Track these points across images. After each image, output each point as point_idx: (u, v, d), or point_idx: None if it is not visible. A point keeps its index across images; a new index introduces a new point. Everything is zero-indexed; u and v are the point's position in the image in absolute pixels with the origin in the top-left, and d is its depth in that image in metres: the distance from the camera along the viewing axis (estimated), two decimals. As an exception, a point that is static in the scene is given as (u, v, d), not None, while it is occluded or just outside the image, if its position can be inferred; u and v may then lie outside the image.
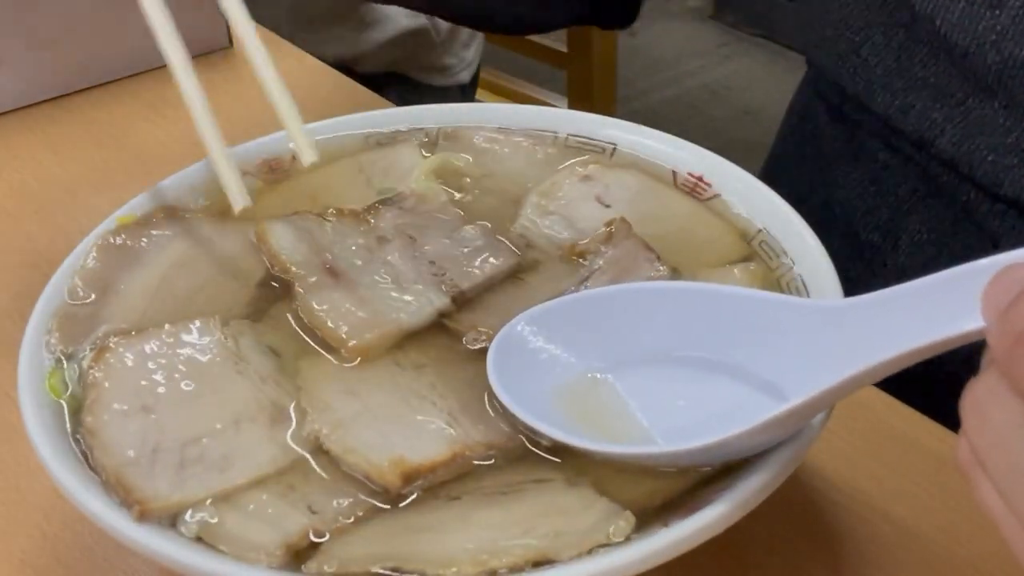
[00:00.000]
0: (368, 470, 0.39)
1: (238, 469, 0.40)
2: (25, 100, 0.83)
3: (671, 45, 2.77)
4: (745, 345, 0.41)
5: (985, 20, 0.55)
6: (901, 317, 0.34)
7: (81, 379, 0.44)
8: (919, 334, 0.32)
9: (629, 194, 0.53)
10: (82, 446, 0.41)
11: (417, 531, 0.38)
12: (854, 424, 0.51)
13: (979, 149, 0.57)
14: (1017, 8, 0.54)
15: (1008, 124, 0.56)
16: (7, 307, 0.62)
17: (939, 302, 0.32)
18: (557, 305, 0.45)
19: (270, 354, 0.45)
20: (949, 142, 0.58)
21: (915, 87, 0.60)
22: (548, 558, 0.36)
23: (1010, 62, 0.55)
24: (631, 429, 0.41)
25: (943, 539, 0.46)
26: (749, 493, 0.36)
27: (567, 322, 0.44)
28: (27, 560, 0.47)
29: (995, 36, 0.55)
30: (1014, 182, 0.56)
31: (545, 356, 0.44)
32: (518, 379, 0.42)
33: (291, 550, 0.37)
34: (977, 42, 0.55)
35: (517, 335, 0.44)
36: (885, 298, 0.35)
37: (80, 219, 0.70)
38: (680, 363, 0.43)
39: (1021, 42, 0.54)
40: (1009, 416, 0.27)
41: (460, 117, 0.59)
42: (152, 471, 0.40)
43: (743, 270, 0.48)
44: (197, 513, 0.38)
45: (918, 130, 0.60)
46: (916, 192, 0.62)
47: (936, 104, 0.59)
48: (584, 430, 0.41)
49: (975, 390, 0.29)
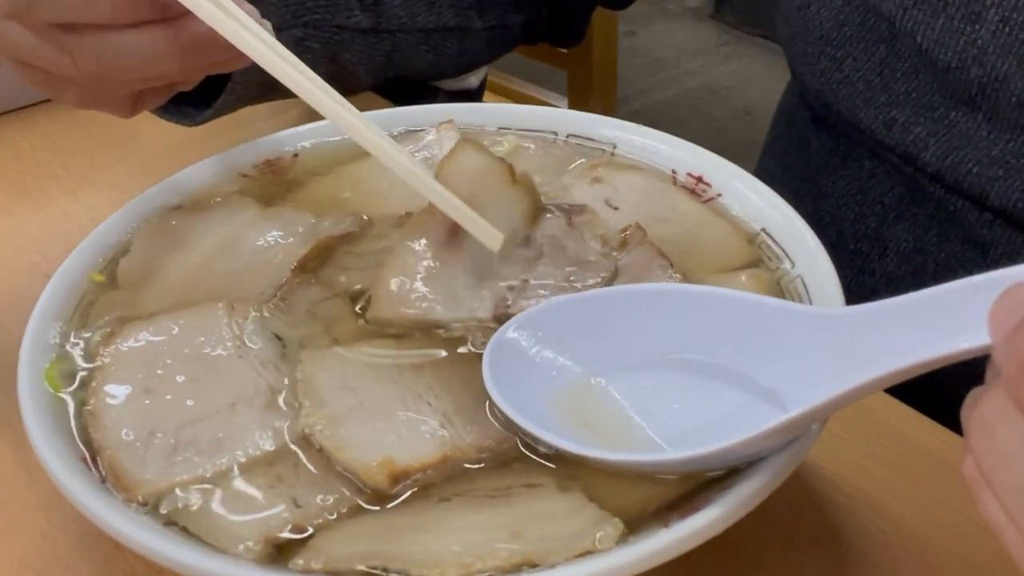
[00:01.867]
0: (357, 469, 0.40)
1: (229, 453, 0.41)
2: (25, 100, 0.83)
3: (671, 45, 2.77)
4: (742, 349, 0.41)
5: (966, 35, 0.55)
6: (901, 330, 0.34)
7: (89, 361, 0.45)
8: (919, 349, 0.32)
9: (638, 196, 0.53)
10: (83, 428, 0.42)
11: (405, 531, 0.38)
12: (854, 424, 0.51)
13: (964, 162, 0.57)
14: (997, 22, 0.54)
15: (992, 137, 0.56)
16: (7, 307, 0.62)
17: (939, 317, 0.32)
18: (552, 307, 0.45)
19: (274, 340, 0.45)
20: (934, 155, 0.59)
21: (898, 102, 0.60)
22: (533, 562, 0.36)
23: (993, 75, 0.55)
24: (628, 434, 0.41)
25: (943, 539, 0.46)
26: (749, 493, 0.36)
27: (563, 324, 0.44)
28: (27, 560, 0.47)
29: (976, 50, 0.55)
30: (1000, 193, 0.56)
31: (541, 359, 0.44)
32: (515, 382, 0.42)
33: (271, 543, 0.38)
34: (959, 57, 0.56)
35: (511, 338, 0.44)
36: (885, 309, 0.35)
37: (80, 219, 0.71)
38: (677, 366, 0.43)
39: (1003, 55, 0.54)
40: (1016, 437, 0.28)
41: (460, 117, 0.59)
42: (145, 455, 0.40)
43: (750, 276, 0.48)
44: (180, 498, 0.39)
45: (902, 144, 0.60)
46: (903, 200, 0.62)
47: (919, 118, 0.59)
48: (581, 435, 0.41)
49: (982, 409, 0.29)
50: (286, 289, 0.48)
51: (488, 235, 0.47)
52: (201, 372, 0.44)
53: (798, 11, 0.65)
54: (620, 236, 0.49)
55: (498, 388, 0.41)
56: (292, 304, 0.47)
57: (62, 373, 0.44)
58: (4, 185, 0.74)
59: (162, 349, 0.45)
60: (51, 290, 0.48)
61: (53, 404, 0.43)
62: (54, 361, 0.45)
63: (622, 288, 0.46)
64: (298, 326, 0.46)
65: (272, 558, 0.37)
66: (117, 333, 0.46)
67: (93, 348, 0.45)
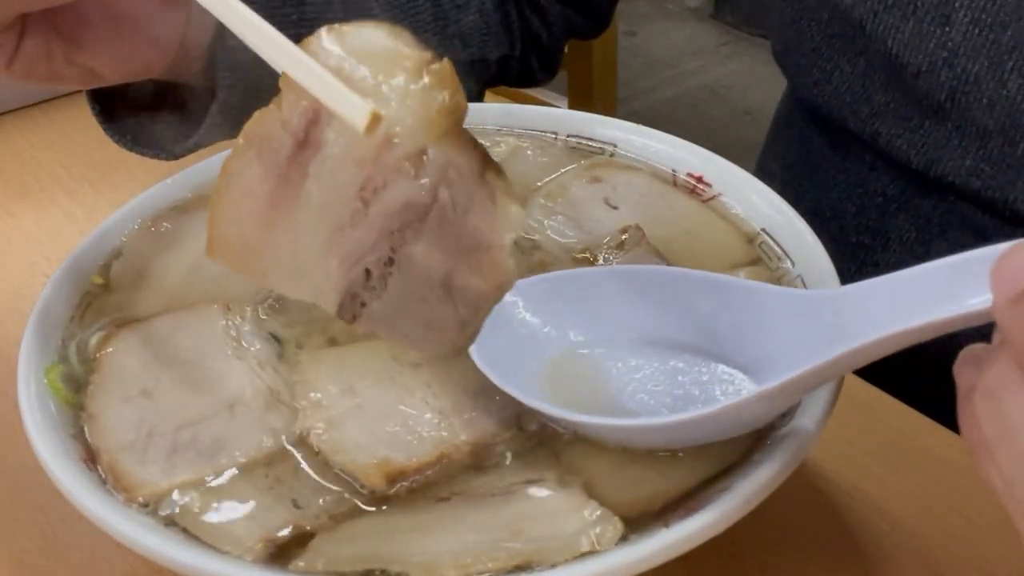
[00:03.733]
0: (354, 470, 0.40)
1: (227, 454, 0.41)
2: (25, 100, 0.83)
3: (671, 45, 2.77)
4: (730, 331, 0.41)
5: (936, 37, 0.55)
6: (886, 305, 0.34)
7: (86, 364, 0.45)
8: (902, 319, 0.32)
9: (637, 196, 0.53)
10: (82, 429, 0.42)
11: (404, 532, 0.38)
12: (854, 424, 0.51)
13: (946, 173, 0.58)
14: (967, 24, 0.54)
15: (964, 146, 0.56)
16: (7, 307, 0.62)
17: (924, 289, 0.33)
18: (539, 281, 0.45)
19: (271, 340, 0.45)
20: (918, 166, 0.59)
21: (879, 113, 0.60)
22: (533, 562, 0.36)
23: (964, 78, 0.55)
24: (607, 406, 0.41)
25: (943, 539, 0.46)
26: (749, 493, 0.36)
27: (550, 300, 0.44)
28: (27, 560, 0.47)
29: (947, 53, 0.55)
30: (985, 198, 0.56)
31: (527, 333, 0.44)
32: (501, 357, 0.42)
33: (270, 544, 0.38)
34: (929, 60, 0.55)
35: (499, 309, 0.44)
36: (873, 286, 0.36)
37: (80, 219, 0.71)
38: (664, 346, 0.43)
39: (974, 57, 0.54)
40: (1021, 409, 0.28)
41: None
42: (145, 456, 0.40)
43: (749, 274, 0.48)
44: (181, 500, 0.39)
45: (889, 153, 0.60)
46: (904, 191, 0.62)
47: (899, 130, 0.59)
48: (560, 404, 0.41)
49: (988, 377, 0.29)
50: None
51: (355, 112, 0.34)
52: (199, 373, 0.44)
53: (791, 24, 0.65)
54: (619, 237, 0.49)
55: (484, 360, 0.41)
56: (287, 304, 0.47)
57: (62, 374, 0.44)
58: (4, 185, 0.74)
59: (160, 351, 0.45)
60: (51, 290, 0.48)
61: (53, 405, 0.43)
62: (55, 362, 0.45)
63: (610, 269, 0.46)
64: (294, 326, 0.46)
65: (272, 559, 0.37)
66: (114, 335, 0.46)
67: (91, 350, 0.45)
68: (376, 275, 0.37)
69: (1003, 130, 0.55)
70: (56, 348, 0.46)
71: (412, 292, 0.37)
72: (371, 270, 0.37)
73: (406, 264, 0.37)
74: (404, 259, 0.37)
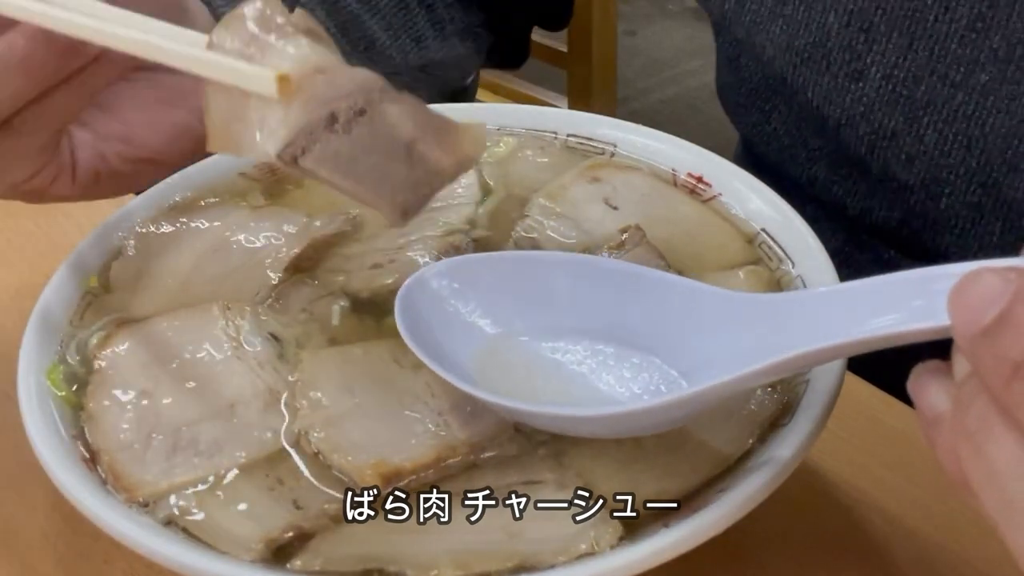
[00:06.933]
0: (350, 470, 0.40)
1: (228, 454, 0.41)
2: (25, 100, 0.83)
3: (671, 45, 2.77)
4: (673, 331, 0.41)
5: (851, 92, 0.55)
6: (826, 314, 0.35)
7: (86, 364, 0.45)
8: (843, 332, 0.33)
9: (637, 196, 0.53)
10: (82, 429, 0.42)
11: (402, 532, 0.38)
12: (854, 424, 0.51)
13: (879, 223, 0.57)
14: (879, 79, 0.54)
15: (888, 199, 0.56)
16: (7, 307, 0.62)
17: (876, 301, 0.33)
18: (475, 259, 0.45)
19: (271, 340, 0.45)
20: (854, 213, 0.59)
21: (814, 158, 0.60)
22: (531, 564, 0.36)
23: (881, 132, 0.55)
24: (535, 393, 0.41)
25: (943, 539, 0.46)
26: (749, 493, 0.36)
27: (486, 280, 0.44)
28: (27, 560, 0.47)
29: (863, 107, 0.55)
30: (919, 247, 0.56)
31: (463, 312, 0.43)
32: (438, 340, 0.42)
33: (272, 545, 0.38)
34: (847, 113, 0.55)
35: (432, 286, 0.43)
36: (823, 296, 0.37)
37: (80, 219, 0.70)
38: (602, 339, 0.43)
39: (889, 112, 0.54)
40: (1005, 456, 0.27)
41: (459, 117, 0.58)
42: (144, 457, 0.40)
43: (748, 273, 0.48)
44: (181, 500, 0.39)
45: (828, 201, 0.60)
46: (845, 246, 0.61)
47: (833, 175, 0.59)
48: (492, 389, 0.41)
49: (968, 421, 0.27)
50: (280, 289, 0.48)
51: (263, 82, 0.36)
52: (199, 374, 0.44)
53: (729, 63, 0.65)
54: (619, 237, 0.49)
55: (413, 335, 0.41)
56: (287, 304, 0.47)
57: (62, 374, 0.44)
58: (4, 185, 0.74)
59: (159, 351, 0.45)
60: (51, 290, 0.48)
61: (53, 405, 0.43)
62: (55, 362, 0.45)
63: (553, 254, 0.47)
64: (294, 326, 0.46)
65: (271, 559, 0.37)
66: (114, 335, 0.46)
67: (91, 350, 0.45)
68: (343, 120, 0.37)
69: (924, 185, 0.55)
70: (56, 348, 0.46)
71: (374, 144, 0.37)
72: (338, 115, 0.37)
73: (378, 118, 0.37)
74: (377, 113, 0.37)
